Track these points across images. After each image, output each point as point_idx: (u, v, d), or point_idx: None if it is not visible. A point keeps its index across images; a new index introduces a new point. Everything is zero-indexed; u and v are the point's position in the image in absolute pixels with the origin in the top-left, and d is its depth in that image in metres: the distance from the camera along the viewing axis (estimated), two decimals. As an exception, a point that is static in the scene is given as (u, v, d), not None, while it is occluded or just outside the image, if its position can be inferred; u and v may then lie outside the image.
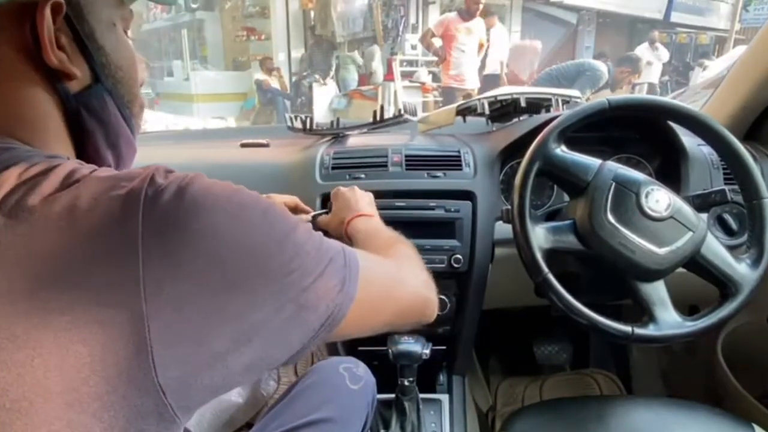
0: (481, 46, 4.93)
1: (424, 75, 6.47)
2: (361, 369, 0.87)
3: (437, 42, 4.94)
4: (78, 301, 0.34)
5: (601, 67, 3.83)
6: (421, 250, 0.99)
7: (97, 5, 0.48)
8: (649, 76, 5.93)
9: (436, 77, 6.12)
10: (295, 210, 0.94)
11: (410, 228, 1.01)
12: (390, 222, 0.92)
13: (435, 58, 5.45)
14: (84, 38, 0.46)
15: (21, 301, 0.34)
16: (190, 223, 0.38)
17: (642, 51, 6.05)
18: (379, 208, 0.98)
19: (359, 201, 0.87)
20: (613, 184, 0.80)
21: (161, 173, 0.40)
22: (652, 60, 6.17)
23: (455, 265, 1.00)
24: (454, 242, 1.01)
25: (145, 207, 0.37)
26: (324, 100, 7.15)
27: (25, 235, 0.36)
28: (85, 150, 0.49)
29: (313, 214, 0.94)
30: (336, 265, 0.46)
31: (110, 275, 0.35)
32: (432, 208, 1.01)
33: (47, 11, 0.42)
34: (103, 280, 0.35)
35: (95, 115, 0.49)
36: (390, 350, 0.95)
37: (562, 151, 0.84)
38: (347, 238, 0.80)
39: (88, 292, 0.35)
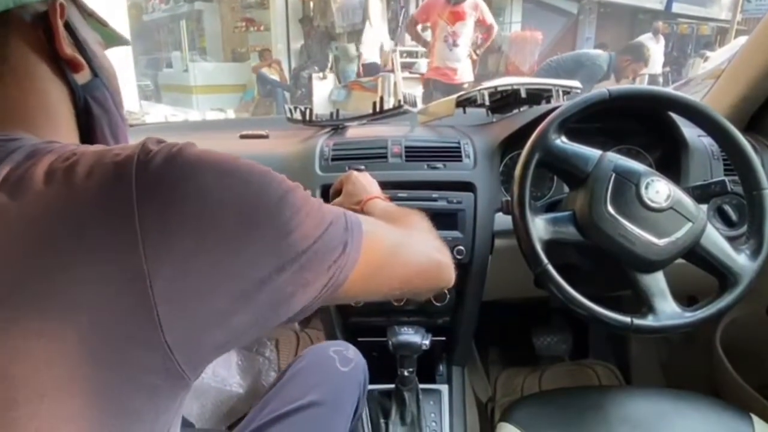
0: (489, 28, 4.19)
1: (424, 66, 6.44)
2: (351, 351, 0.88)
3: (424, 32, 4.39)
4: (78, 262, 0.36)
5: (601, 58, 3.73)
6: None
7: (85, 27, 0.54)
8: (651, 67, 5.87)
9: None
10: None
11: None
12: None
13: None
14: (81, 41, 0.51)
15: (22, 269, 0.35)
16: (183, 184, 0.38)
17: (645, 41, 5.97)
18: None
19: (372, 184, 0.88)
20: (613, 175, 0.80)
21: (152, 141, 0.41)
22: (656, 50, 6.10)
23: (458, 257, 1.00)
24: (456, 233, 1.01)
25: (138, 170, 0.38)
26: (323, 91, 7.12)
27: (28, 205, 0.37)
28: (90, 137, 0.52)
29: None
30: (337, 227, 0.47)
31: (108, 236, 0.36)
32: (435, 200, 1.01)
33: (58, 8, 0.47)
34: (102, 240, 0.36)
35: (100, 105, 0.52)
36: (390, 341, 0.95)
37: (562, 142, 0.84)
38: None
39: (88, 253, 0.36)
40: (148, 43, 10.02)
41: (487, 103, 1.17)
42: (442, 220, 0.95)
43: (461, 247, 1.00)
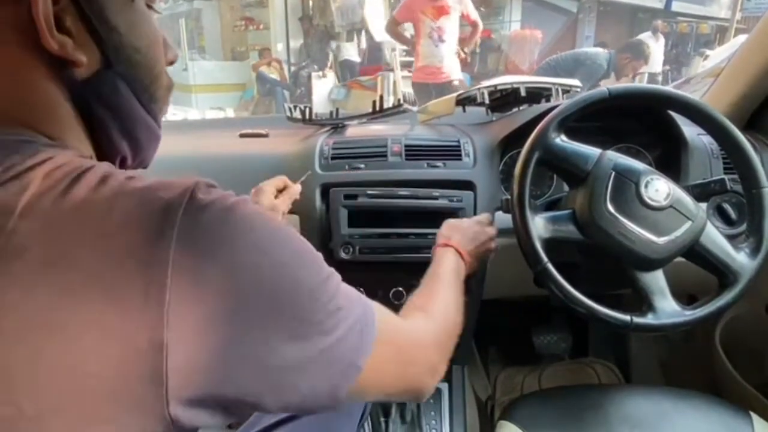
0: (474, 25, 3.90)
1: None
2: None
3: (405, 31, 4.10)
4: (100, 319, 0.33)
5: (601, 56, 3.72)
6: (423, 239, 0.99)
7: None
8: (651, 65, 5.83)
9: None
10: (284, 190, 0.92)
11: (412, 217, 1.01)
12: (392, 211, 0.92)
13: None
14: (92, 17, 0.41)
15: (40, 313, 0.33)
16: (226, 253, 0.36)
17: (645, 39, 5.92)
18: (382, 196, 0.98)
19: (460, 231, 0.85)
20: (613, 173, 0.80)
21: (203, 188, 0.37)
22: (656, 49, 6.07)
23: None
24: None
25: (182, 225, 0.35)
26: (323, 90, 7.12)
27: (52, 244, 0.34)
28: (99, 140, 0.46)
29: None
30: (353, 333, 0.44)
31: (135, 297, 0.34)
32: (436, 198, 1.01)
33: None
34: (127, 301, 0.34)
35: (105, 103, 0.44)
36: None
37: (561, 140, 0.84)
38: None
39: (112, 308, 0.33)
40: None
41: (487, 101, 1.17)
42: (442, 218, 0.95)
43: None
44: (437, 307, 0.66)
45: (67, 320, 0.33)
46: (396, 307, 1.13)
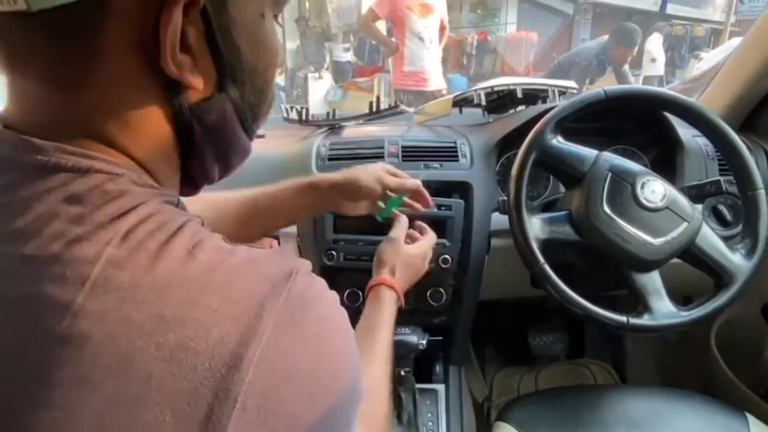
0: (442, 28, 3.35)
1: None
2: None
3: (381, 26, 3.55)
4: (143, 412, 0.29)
5: (598, 49, 3.64)
6: None
7: (243, 16, 0.38)
8: (656, 68, 5.70)
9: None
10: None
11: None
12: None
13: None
14: (218, 35, 0.36)
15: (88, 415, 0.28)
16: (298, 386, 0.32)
17: (654, 43, 5.70)
18: None
19: (401, 267, 0.77)
20: (609, 174, 0.81)
21: (305, 278, 0.34)
22: (660, 51, 5.88)
23: (443, 266, 0.99)
24: (443, 241, 0.99)
25: (266, 341, 0.31)
26: (319, 91, 7.12)
27: (117, 340, 0.29)
28: (189, 164, 0.41)
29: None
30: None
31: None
32: None
33: (177, 11, 0.33)
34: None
35: (208, 129, 0.39)
36: (387, 341, 0.95)
37: (558, 141, 0.84)
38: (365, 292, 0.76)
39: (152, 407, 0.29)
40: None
41: (484, 103, 1.17)
42: (431, 227, 0.95)
43: (447, 256, 0.99)
44: (378, 392, 0.60)
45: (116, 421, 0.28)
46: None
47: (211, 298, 0.31)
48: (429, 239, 0.83)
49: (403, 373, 0.98)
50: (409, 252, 0.78)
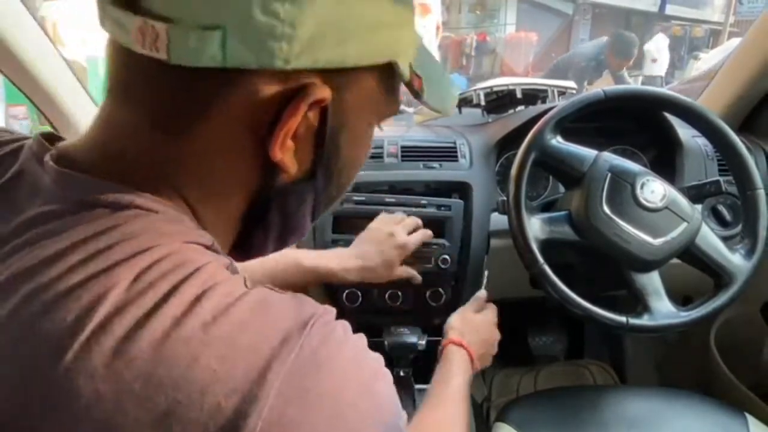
0: (437, 28, 3.37)
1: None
2: None
3: None
4: None
5: (597, 49, 3.63)
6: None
7: (370, 105, 0.39)
8: (659, 68, 5.66)
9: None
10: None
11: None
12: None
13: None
14: (327, 133, 0.36)
15: None
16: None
17: (657, 44, 5.60)
18: (368, 202, 0.97)
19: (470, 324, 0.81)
20: (609, 174, 0.81)
21: (322, 323, 0.31)
22: (664, 52, 5.81)
23: (442, 266, 0.99)
24: (442, 241, 0.99)
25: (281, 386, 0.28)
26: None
27: (106, 405, 0.26)
28: (250, 234, 0.40)
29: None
30: None
31: None
32: (423, 206, 1.00)
33: (304, 106, 0.33)
34: None
35: (283, 210, 0.39)
36: (385, 341, 0.95)
37: (558, 141, 0.84)
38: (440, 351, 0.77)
39: None
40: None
41: (483, 103, 1.17)
42: (429, 226, 0.95)
43: (446, 256, 0.98)
44: None
45: None
46: (392, 309, 1.13)
47: (210, 356, 0.27)
48: (492, 309, 0.87)
49: (402, 373, 0.98)
50: (475, 318, 0.82)
